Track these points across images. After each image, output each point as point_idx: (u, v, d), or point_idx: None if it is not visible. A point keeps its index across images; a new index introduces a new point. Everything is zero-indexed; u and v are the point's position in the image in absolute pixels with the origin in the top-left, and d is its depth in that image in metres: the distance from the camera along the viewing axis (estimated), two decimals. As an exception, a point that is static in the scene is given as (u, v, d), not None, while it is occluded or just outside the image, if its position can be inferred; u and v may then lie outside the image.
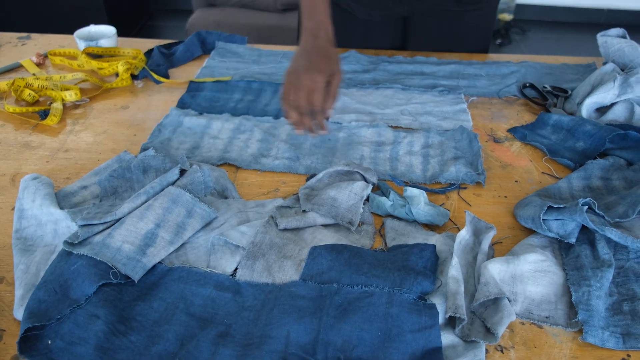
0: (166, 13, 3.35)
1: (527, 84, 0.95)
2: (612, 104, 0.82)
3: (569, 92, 0.91)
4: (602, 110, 0.84)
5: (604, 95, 0.82)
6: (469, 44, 1.07)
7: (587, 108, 0.83)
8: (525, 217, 0.62)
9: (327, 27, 0.72)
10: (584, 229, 0.60)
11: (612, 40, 0.96)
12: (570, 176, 0.71)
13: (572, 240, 0.58)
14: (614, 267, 0.56)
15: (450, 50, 1.07)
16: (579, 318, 0.51)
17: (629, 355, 0.49)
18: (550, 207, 0.60)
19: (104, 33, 1.03)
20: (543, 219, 0.60)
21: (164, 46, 1.03)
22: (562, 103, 0.90)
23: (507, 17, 3.23)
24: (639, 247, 0.57)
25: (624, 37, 0.98)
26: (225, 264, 0.56)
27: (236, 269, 0.55)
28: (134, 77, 0.94)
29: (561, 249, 0.60)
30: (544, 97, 0.92)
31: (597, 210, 0.60)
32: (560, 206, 0.60)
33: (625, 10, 3.31)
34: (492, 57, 1.05)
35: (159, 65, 0.96)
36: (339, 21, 1.04)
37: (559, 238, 0.59)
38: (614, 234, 0.57)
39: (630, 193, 0.64)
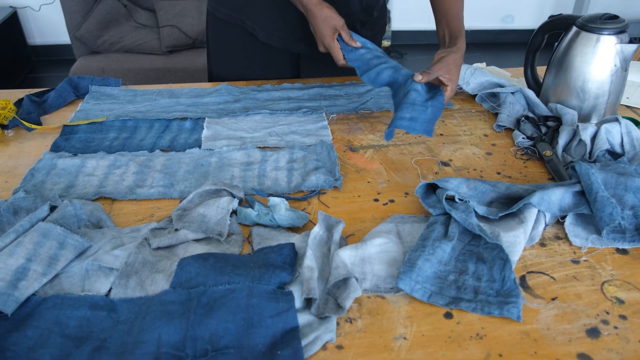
0: (48, 64, 3.26)
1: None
2: None
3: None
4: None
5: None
6: None
7: None
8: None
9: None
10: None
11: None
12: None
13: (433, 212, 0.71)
14: (453, 242, 0.65)
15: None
16: (400, 270, 0.60)
17: (451, 309, 0.59)
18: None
19: (-31, 87, 1.02)
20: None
21: (35, 94, 1.04)
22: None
23: (385, 43, 3.52)
24: (473, 228, 0.66)
25: None
26: (100, 286, 0.60)
27: (111, 289, 0.59)
28: (3, 127, 0.95)
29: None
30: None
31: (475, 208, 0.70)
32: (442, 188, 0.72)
33: (483, 29, 3.75)
34: (350, 78, 1.18)
35: (30, 113, 0.97)
36: (243, 43, 1.12)
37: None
38: (458, 215, 0.67)
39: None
